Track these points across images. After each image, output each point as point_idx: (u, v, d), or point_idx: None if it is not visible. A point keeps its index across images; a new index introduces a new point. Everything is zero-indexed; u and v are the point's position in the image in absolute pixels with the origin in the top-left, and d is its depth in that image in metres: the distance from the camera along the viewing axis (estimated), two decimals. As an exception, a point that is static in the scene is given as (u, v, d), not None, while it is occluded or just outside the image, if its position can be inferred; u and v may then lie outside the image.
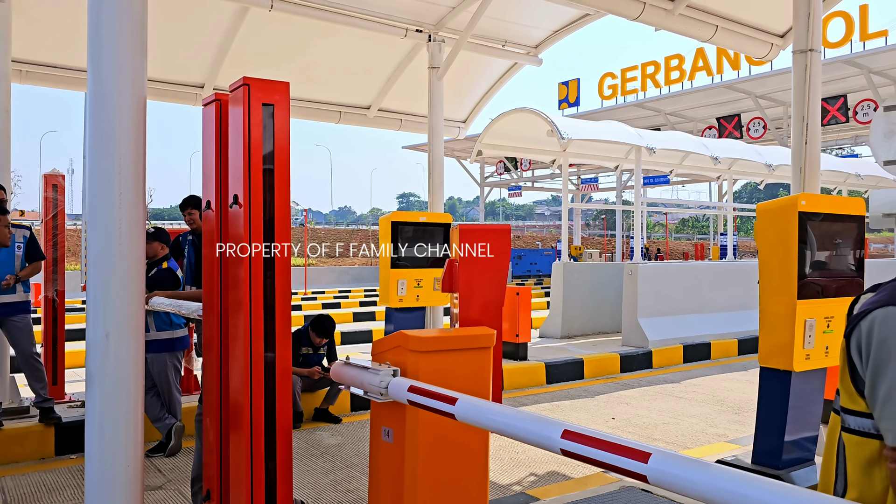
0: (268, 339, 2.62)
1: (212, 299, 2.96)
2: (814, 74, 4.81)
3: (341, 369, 2.89)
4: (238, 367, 2.68)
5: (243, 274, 2.53)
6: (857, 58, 19.90)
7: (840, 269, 4.75)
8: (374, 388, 2.66)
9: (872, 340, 1.35)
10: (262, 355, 2.62)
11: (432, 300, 8.42)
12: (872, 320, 1.37)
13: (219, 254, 2.82)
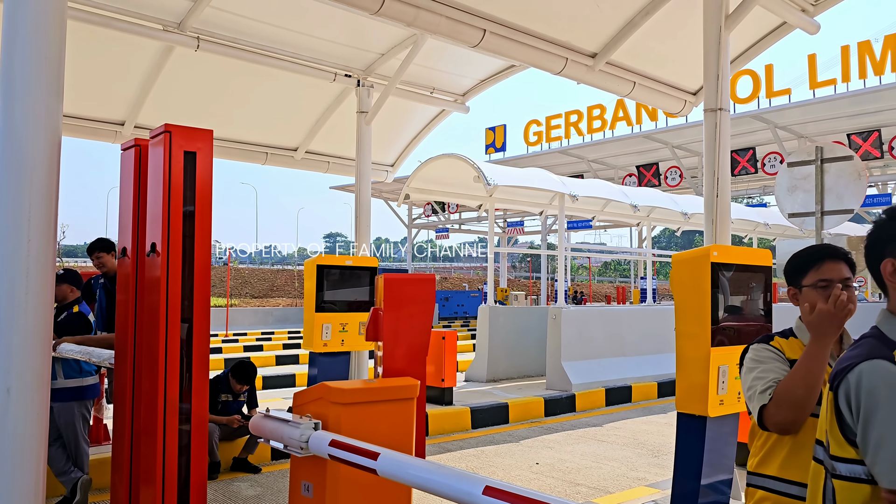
0: (184, 389, 2.53)
1: (125, 347, 2.85)
2: (723, 132, 5.08)
3: (260, 422, 2.81)
4: (151, 418, 2.57)
5: (160, 321, 2.45)
6: (764, 113, 21.15)
7: (751, 316, 4.96)
8: (295, 442, 2.59)
9: (861, 392, 1.44)
10: (177, 406, 2.53)
11: (358, 345, 8.31)
12: (860, 373, 1.46)
13: (134, 301, 2.73)
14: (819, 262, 2.36)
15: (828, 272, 2.33)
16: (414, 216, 37.58)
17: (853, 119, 21.25)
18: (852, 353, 1.53)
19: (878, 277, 1.60)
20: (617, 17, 5.89)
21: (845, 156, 5.95)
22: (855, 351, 1.53)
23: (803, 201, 6.08)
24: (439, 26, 5.30)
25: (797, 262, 2.44)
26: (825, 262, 2.35)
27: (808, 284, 2.35)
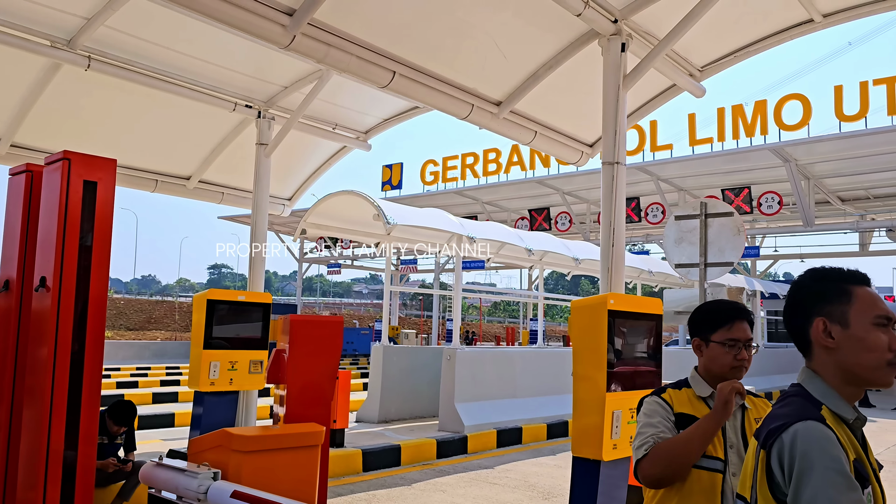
0: (70, 438, 2.32)
1: (1, 388, 2.59)
2: (619, 184, 5.32)
3: (152, 472, 2.62)
4: (32, 472, 2.34)
5: (47, 363, 2.25)
6: (648, 166, 22.42)
7: (642, 362, 5.16)
8: (191, 493, 2.43)
9: (796, 453, 1.47)
10: (61, 458, 2.32)
11: (247, 384, 7.99)
12: (794, 434, 1.49)
13: (16, 339, 2.50)
14: (731, 322, 2.47)
15: (737, 332, 2.46)
16: (306, 250, 36.97)
17: (727, 175, 22.87)
18: (782, 412, 1.58)
19: (802, 336, 1.68)
20: (522, 69, 6.09)
21: (727, 212, 6.37)
22: (784, 409, 1.58)
23: (689, 253, 6.44)
24: (350, 65, 5.29)
25: (710, 317, 2.52)
26: (736, 322, 2.47)
27: (718, 341, 2.46)
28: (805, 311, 1.68)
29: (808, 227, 22.30)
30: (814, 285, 1.71)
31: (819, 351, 1.66)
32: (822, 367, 1.65)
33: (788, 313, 1.73)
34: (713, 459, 2.31)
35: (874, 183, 23.47)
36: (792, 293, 1.75)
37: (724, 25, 5.96)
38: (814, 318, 1.66)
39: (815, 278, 1.71)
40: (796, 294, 1.73)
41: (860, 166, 21.34)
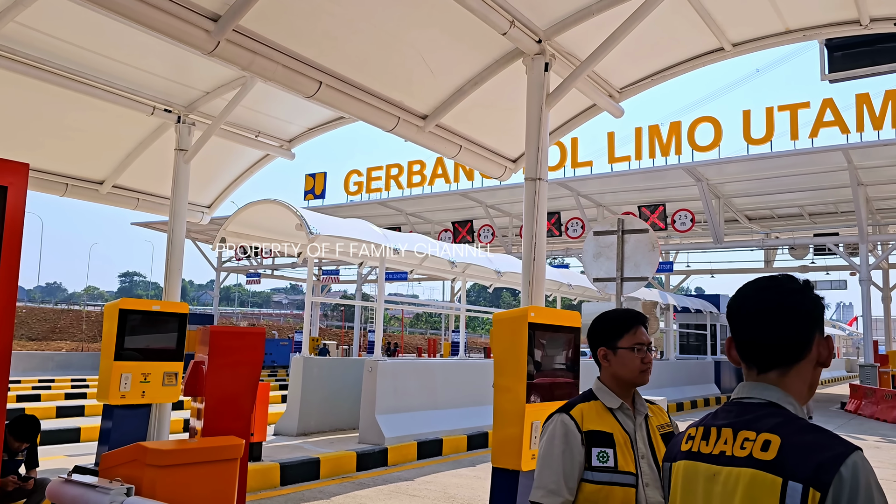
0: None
1: None
2: (541, 199, 5.45)
3: (60, 489, 2.51)
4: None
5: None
6: (569, 182, 23.01)
7: (561, 374, 5.29)
8: (101, 511, 2.34)
9: (860, 489, 1.30)
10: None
11: (160, 397, 7.74)
12: (854, 467, 1.31)
13: None
14: (635, 327, 2.52)
15: (641, 336, 2.51)
16: (224, 259, 36.08)
17: (644, 193, 23.72)
18: (811, 440, 1.40)
19: (797, 348, 1.53)
20: (448, 84, 6.17)
21: (642, 229, 6.62)
22: (811, 437, 1.41)
23: (607, 267, 6.66)
24: (275, 74, 5.24)
25: (614, 325, 2.55)
26: (638, 327, 2.53)
27: (626, 347, 2.48)
28: (811, 324, 1.54)
29: (718, 244, 23.37)
30: (818, 297, 1.56)
31: (806, 365, 1.53)
32: (793, 383, 1.53)
33: (788, 322, 1.54)
34: (626, 475, 2.29)
35: (778, 203, 24.83)
36: (795, 301, 1.56)
37: (642, 50, 6.21)
38: (816, 333, 1.54)
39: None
40: (802, 303, 1.55)
41: (766, 187, 22.55)
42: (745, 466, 1.40)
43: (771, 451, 1.37)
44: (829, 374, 44.14)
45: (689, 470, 1.53)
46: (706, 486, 1.48)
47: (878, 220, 25.37)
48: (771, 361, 1.52)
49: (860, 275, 21.98)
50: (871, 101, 18.95)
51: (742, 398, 1.54)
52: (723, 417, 1.53)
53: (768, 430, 1.41)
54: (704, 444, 1.52)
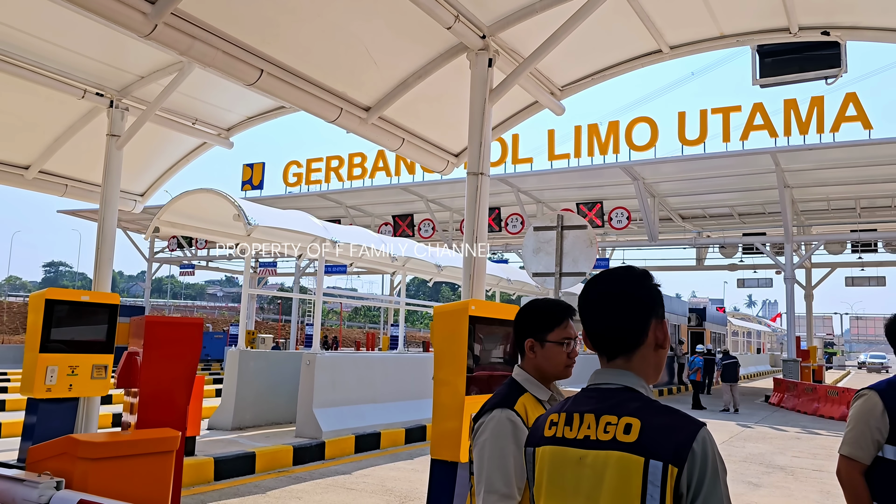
0: None
1: None
2: (483, 194, 5.49)
3: (-17, 484, 2.41)
4: None
5: None
6: (510, 178, 23.22)
7: (500, 367, 5.34)
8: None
9: (708, 461, 1.46)
10: None
11: (88, 390, 7.47)
12: (703, 442, 1.47)
13: None
14: (565, 321, 2.46)
15: (570, 330, 2.46)
16: (156, 249, 35.10)
17: (582, 190, 24.14)
18: (666, 422, 1.53)
19: (636, 336, 1.66)
20: (392, 76, 6.15)
21: (581, 225, 6.75)
22: (665, 419, 1.53)
23: (546, 262, 6.77)
24: (215, 60, 5.11)
25: (544, 316, 2.45)
26: (568, 321, 2.47)
27: (555, 340, 2.41)
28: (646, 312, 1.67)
29: (653, 242, 23.99)
30: (654, 286, 1.71)
31: (646, 350, 1.65)
32: (639, 367, 1.65)
33: (624, 312, 1.66)
34: None
35: (710, 203, 25.65)
36: (631, 291, 1.69)
37: (584, 50, 6.32)
38: (653, 319, 1.66)
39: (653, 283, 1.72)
40: (637, 293, 1.69)
41: (698, 187, 23.25)
42: (611, 449, 1.50)
43: (633, 434, 1.48)
44: (755, 369, 45.93)
45: (557, 455, 1.60)
46: (575, 470, 1.55)
47: (803, 221, 26.48)
48: (615, 349, 1.65)
49: (785, 273, 22.92)
50: (798, 107, 19.76)
51: (599, 384, 1.64)
52: (584, 403, 1.62)
53: (628, 414, 1.52)
54: (568, 429, 1.60)
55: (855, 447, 2.84)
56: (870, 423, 2.82)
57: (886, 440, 2.79)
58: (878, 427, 2.80)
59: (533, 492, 1.68)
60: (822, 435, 14.73)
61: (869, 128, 19.11)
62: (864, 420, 2.84)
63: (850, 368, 62.47)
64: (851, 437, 2.86)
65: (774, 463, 10.91)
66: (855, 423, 2.87)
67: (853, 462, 2.84)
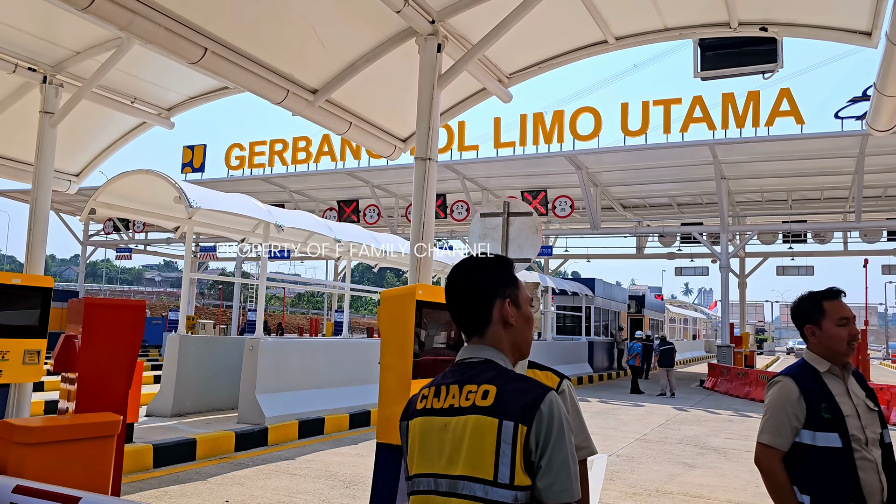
0: None
1: None
2: (430, 179, 5.50)
3: (-88, 471, 2.32)
4: None
5: None
6: (455, 164, 23.26)
7: (447, 352, 5.38)
8: (-39, 493, 2.18)
9: (554, 421, 1.60)
10: None
11: (20, 376, 7.22)
12: (550, 404, 1.62)
13: None
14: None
15: None
16: (91, 232, 33.98)
17: (527, 178, 24.37)
18: (517, 387, 1.69)
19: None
20: (340, 59, 6.08)
21: (526, 212, 6.81)
22: (524, 385, 1.70)
23: (491, 248, 6.81)
24: (157, 36, 4.97)
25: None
26: None
27: None
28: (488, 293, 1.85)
29: (595, 230, 24.42)
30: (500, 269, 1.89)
31: (496, 328, 1.82)
32: (496, 343, 1.81)
33: (467, 295, 1.85)
34: None
35: (650, 193, 26.24)
36: (475, 276, 1.86)
37: (531, 38, 6.37)
38: (497, 300, 1.85)
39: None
40: (480, 277, 1.86)
41: (640, 177, 23.75)
42: (470, 413, 1.66)
43: (489, 399, 1.65)
44: (691, 354, 47.37)
45: (425, 424, 1.74)
46: (439, 436, 1.70)
47: (738, 211, 27.34)
48: (469, 328, 1.82)
49: (720, 262, 23.66)
50: (736, 101, 20.34)
51: (465, 359, 1.79)
52: (450, 376, 1.77)
53: (486, 382, 1.68)
54: (436, 400, 1.75)
55: (774, 435, 2.85)
56: (787, 409, 2.84)
57: (804, 425, 2.82)
58: (796, 413, 2.82)
59: (406, 461, 1.80)
60: (753, 417, 15.32)
61: (801, 123, 19.81)
62: (780, 408, 2.86)
63: (779, 354, 65.00)
64: (770, 426, 2.87)
65: (708, 444, 11.31)
66: (773, 412, 2.88)
67: (772, 450, 2.85)
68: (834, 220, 27.01)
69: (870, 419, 2.83)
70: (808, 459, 2.80)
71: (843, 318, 2.92)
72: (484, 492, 1.59)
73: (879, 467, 2.77)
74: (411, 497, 1.74)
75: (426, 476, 1.70)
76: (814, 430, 2.79)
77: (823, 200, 25.68)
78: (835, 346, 2.90)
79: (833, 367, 2.91)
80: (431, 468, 1.69)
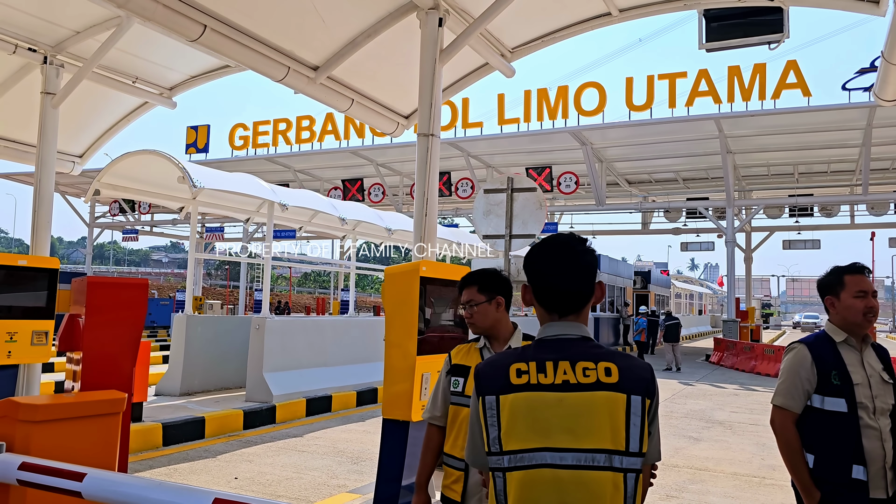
0: None
1: None
2: (434, 156, 5.47)
3: (-80, 449, 2.34)
4: None
5: None
6: (460, 142, 23.15)
7: (450, 327, 5.39)
8: (-31, 470, 2.20)
9: (657, 390, 1.81)
10: None
11: (29, 357, 7.28)
12: (655, 377, 1.81)
13: None
14: (460, 289, 2.97)
15: (464, 296, 2.93)
16: (97, 214, 34.05)
17: (531, 155, 24.26)
18: (629, 362, 1.83)
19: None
20: (341, 35, 6.03)
21: (530, 187, 6.80)
22: (631, 361, 1.84)
23: (496, 224, 6.81)
24: (155, 14, 4.93)
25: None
26: (463, 288, 2.96)
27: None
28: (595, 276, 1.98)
29: (600, 207, 24.34)
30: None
31: (588, 307, 1.94)
32: (584, 321, 1.92)
33: (585, 276, 1.95)
34: (469, 398, 2.66)
35: (656, 168, 26.09)
36: (587, 259, 1.96)
37: (534, 11, 6.30)
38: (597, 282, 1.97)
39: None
40: (592, 260, 1.97)
41: (645, 152, 23.61)
42: (597, 390, 1.73)
43: (613, 376, 1.74)
44: (696, 329, 47.39)
45: (534, 399, 1.74)
46: (555, 411, 1.72)
47: (744, 186, 27.18)
48: (572, 307, 1.87)
49: (726, 237, 23.58)
50: (742, 74, 20.13)
51: (559, 335, 1.84)
52: (548, 353, 1.80)
53: (604, 360, 1.76)
54: (542, 376, 1.76)
55: (787, 397, 3.05)
56: (800, 374, 3.02)
57: (815, 390, 3.00)
58: (808, 378, 3.01)
59: (493, 435, 1.77)
60: (758, 391, 15.36)
61: (808, 95, 19.62)
62: (795, 372, 3.04)
63: (785, 328, 65.03)
64: (784, 389, 3.07)
65: (714, 418, 11.34)
66: (787, 375, 3.08)
67: (786, 412, 3.05)
68: (841, 194, 26.85)
69: (882, 390, 2.98)
70: (816, 422, 2.99)
71: (860, 290, 3.06)
72: (620, 462, 1.69)
73: (883, 435, 2.91)
74: (516, 472, 1.72)
75: (541, 450, 1.71)
76: (823, 394, 2.97)
77: (830, 174, 25.49)
78: (851, 316, 3.04)
79: (850, 338, 3.06)
80: (548, 443, 1.71)
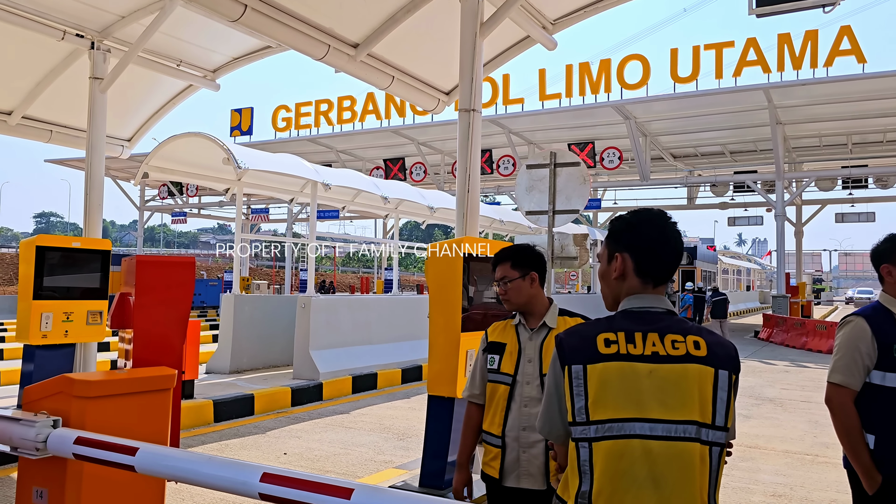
0: None
1: None
2: (475, 131, 5.42)
3: (-18, 424, 2.42)
4: None
5: None
6: (500, 119, 22.95)
7: (493, 304, 5.36)
8: (28, 443, 2.27)
9: (740, 364, 1.83)
10: None
11: (84, 336, 7.50)
12: (738, 352, 1.84)
13: None
14: (494, 266, 2.94)
15: (497, 273, 2.90)
16: (147, 197, 34.84)
17: (573, 131, 23.93)
18: (717, 339, 1.85)
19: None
20: (380, 11, 5.99)
21: (574, 162, 6.69)
22: (718, 337, 1.88)
23: (538, 200, 6.73)
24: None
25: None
26: (497, 265, 2.92)
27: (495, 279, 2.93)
28: None
29: (645, 182, 23.92)
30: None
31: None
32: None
33: (681, 249, 2.02)
34: (505, 375, 2.78)
35: (701, 141, 25.50)
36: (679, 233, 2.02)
37: (576, -20, 6.16)
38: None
39: None
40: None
41: (690, 125, 23.08)
42: (688, 362, 1.75)
43: (702, 350, 1.78)
44: (745, 306, 46.49)
45: (624, 369, 1.76)
46: (647, 382, 1.75)
47: (794, 158, 26.40)
48: (667, 276, 1.92)
49: (775, 210, 22.97)
50: (792, 41, 19.46)
51: (647, 308, 1.86)
52: (636, 324, 1.82)
53: (692, 334, 1.80)
54: (632, 346, 1.78)
55: (846, 374, 2.80)
56: (860, 348, 2.79)
57: (875, 365, 2.76)
58: (868, 352, 2.77)
59: (579, 405, 1.78)
60: (810, 368, 15.01)
61: (863, 62, 18.88)
62: (853, 346, 2.80)
63: (837, 304, 63.35)
64: (842, 365, 2.82)
65: (764, 395, 11.13)
66: (844, 350, 2.83)
67: (844, 389, 2.80)
68: (898, 164, 25.88)
69: None
70: (877, 400, 2.76)
71: None
72: (707, 435, 1.72)
73: None
74: (604, 442, 1.73)
75: (632, 421, 1.72)
76: (884, 370, 2.75)
77: (886, 143, 24.56)
78: None
79: None
80: (640, 413, 1.72)
